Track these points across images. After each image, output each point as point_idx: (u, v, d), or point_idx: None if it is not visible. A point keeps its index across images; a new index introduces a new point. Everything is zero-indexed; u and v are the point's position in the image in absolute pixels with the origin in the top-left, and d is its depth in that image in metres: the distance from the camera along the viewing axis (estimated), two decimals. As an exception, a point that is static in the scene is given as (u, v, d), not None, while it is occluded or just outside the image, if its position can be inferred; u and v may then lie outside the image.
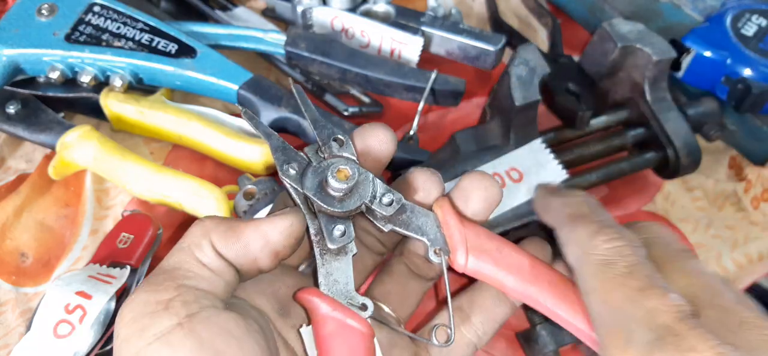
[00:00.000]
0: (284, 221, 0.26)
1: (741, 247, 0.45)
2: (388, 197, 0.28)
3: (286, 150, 0.28)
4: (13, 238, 0.41)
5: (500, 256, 0.28)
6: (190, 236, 0.26)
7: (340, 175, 0.27)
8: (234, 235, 0.26)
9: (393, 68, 0.44)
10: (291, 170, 0.28)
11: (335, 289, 0.27)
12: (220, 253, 0.26)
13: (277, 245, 0.26)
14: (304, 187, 0.27)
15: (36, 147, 0.46)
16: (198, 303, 0.24)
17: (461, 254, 0.28)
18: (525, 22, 0.58)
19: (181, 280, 0.24)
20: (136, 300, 0.24)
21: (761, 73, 0.45)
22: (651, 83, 0.44)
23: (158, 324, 0.23)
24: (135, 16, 0.43)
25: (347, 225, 0.27)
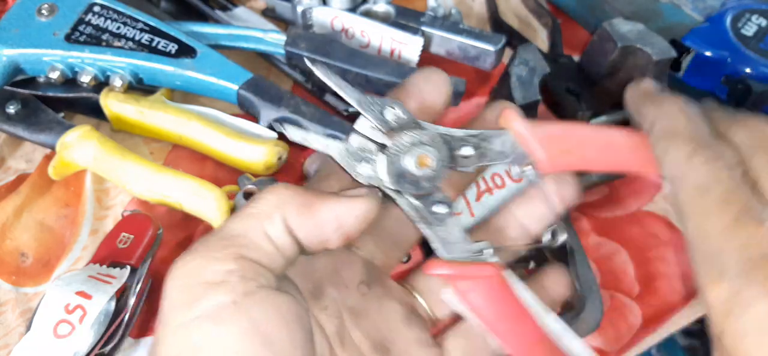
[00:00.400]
0: (362, 206, 0.25)
1: (741, 247, 0.45)
2: (466, 150, 0.28)
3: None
4: (13, 238, 0.41)
5: (585, 149, 0.29)
6: (262, 204, 0.24)
7: (422, 163, 0.26)
8: (309, 213, 0.24)
9: (393, 68, 0.44)
10: (363, 168, 0.27)
11: (451, 249, 0.28)
12: (291, 229, 0.24)
13: (351, 229, 0.25)
14: (388, 182, 0.26)
15: (36, 147, 0.46)
16: (256, 280, 0.23)
17: (547, 164, 0.28)
18: (525, 22, 0.58)
19: (243, 250, 0.23)
20: (191, 262, 0.23)
21: (761, 73, 0.45)
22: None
23: (212, 297, 0.22)
24: (135, 16, 0.43)
25: (440, 196, 0.27)
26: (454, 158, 0.28)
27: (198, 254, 0.23)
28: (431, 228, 0.27)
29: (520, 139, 0.29)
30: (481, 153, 0.28)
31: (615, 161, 0.30)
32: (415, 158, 0.26)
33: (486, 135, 0.28)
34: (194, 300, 0.22)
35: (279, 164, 0.43)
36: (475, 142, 0.28)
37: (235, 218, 0.24)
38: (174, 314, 0.22)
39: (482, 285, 0.28)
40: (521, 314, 0.29)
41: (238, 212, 0.25)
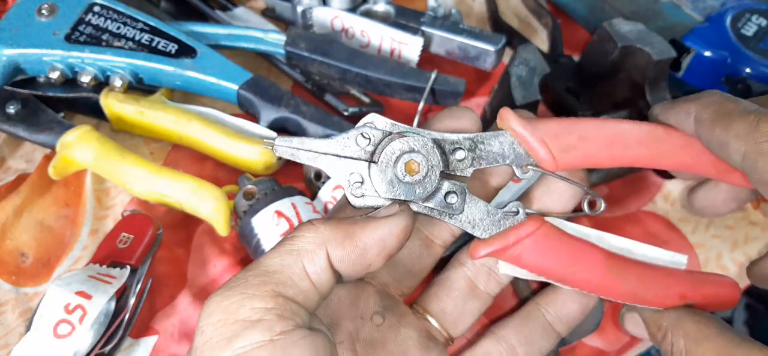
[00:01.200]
0: (400, 224, 0.25)
1: (741, 247, 0.45)
2: (460, 154, 0.28)
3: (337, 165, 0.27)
4: (13, 238, 0.41)
5: (589, 144, 0.29)
6: (302, 241, 0.24)
7: (409, 169, 0.26)
8: (351, 243, 0.24)
9: (393, 68, 0.44)
10: (358, 192, 0.26)
11: (485, 225, 0.28)
12: (333, 263, 0.24)
13: (393, 249, 0.25)
14: (388, 195, 0.26)
15: (36, 147, 0.46)
16: (293, 320, 0.23)
17: (551, 162, 0.28)
18: (525, 22, 0.58)
19: (281, 288, 0.23)
20: (228, 297, 0.23)
21: (761, 73, 0.45)
22: (651, 83, 0.44)
23: (249, 336, 0.21)
24: (135, 16, 0.43)
25: (448, 185, 0.27)
26: (448, 162, 0.27)
27: (235, 291, 0.23)
28: (456, 218, 0.27)
29: (520, 139, 0.28)
30: (477, 156, 0.28)
31: (623, 155, 0.29)
32: (403, 164, 0.26)
33: (482, 137, 0.28)
34: (231, 338, 0.21)
35: (279, 164, 0.43)
36: (468, 144, 0.28)
37: (273, 254, 0.24)
38: (211, 351, 0.22)
39: (533, 242, 0.28)
40: (579, 249, 0.28)
41: (277, 248, 0.25)
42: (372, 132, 0.27)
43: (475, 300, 0.32)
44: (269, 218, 0.38)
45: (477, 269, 0.31)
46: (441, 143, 0.27)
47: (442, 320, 0.31)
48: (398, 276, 0.31)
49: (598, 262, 0.28)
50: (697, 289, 0.29)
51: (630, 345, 0.42)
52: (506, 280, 0.32)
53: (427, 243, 0.31)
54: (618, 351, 0.42)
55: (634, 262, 0.29)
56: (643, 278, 0.29)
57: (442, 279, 0.32)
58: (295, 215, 0.38)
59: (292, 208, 0.39)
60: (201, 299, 0.40)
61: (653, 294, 0.29)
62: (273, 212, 0.38)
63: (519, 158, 0.28)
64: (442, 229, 0.31)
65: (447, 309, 0.31)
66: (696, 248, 0.45)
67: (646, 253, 0.31)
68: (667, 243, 0.46)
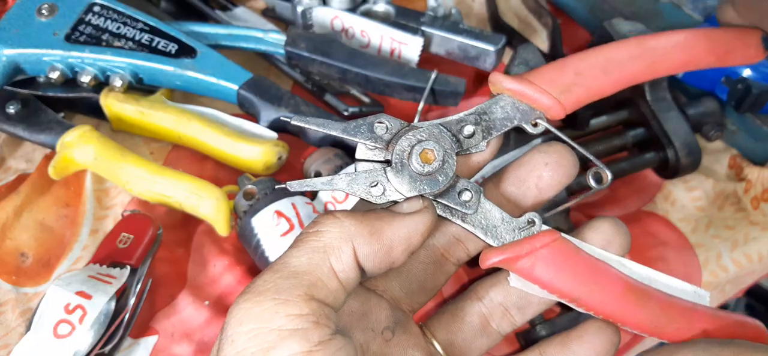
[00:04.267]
0: (425, 220, 0.25)
1: (741, 247, 0.45)
2: (468, 129, 0.27)
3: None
4: (13, 238, 0.41)
5: (586, 77, 0.28)
6: (328, 236, 0.23)
7: (425, 159, 0.26)
8: (378, 240, 0.24)
9: (393, 68, 0.44)
10: (376, 190, 0.26)
11: (498, 233, 0.27)
12: (360, 260, 0.23)
13: (417, 244, 0.25)
14: (405, 192, 0.26)
15: (36, 147, 0.46)
16: (329, 327, 0.22)
17: (556, 106, 0.27)
18: (525, 22, 0.58)
19: (313, 290, 0.22)
20: (259, 303, 0.21)
21: (761, 73, 0.45)
22: (651, 83, 0.44)
23: (286, 347, 0.21)
24: (135, 16, 0.43)
25: (463, 183, 0.27)
26: (460, 142, 0.27)
27: (266, 296, 0.22)
28: (469, 221, 0.27)
29: (519, 96, 0.28)
30: (485, 127, 0.27)
31: (621, 75, 0.28)
32: (417, 156, 0.26)
33: (482, 108, 0.28)
34: (268, 349, 0.21)
35: (279, 164, 0.43)
36: (473, 119, 0.27)
37: (299, 252, 0.23)
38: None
39: (546, 255, 0.26)
40: (598, 269, 0.27)
41: (301, 245, 0.23)
42: (380, 132, 0.27)
43: (485, 338, 0.31)
44: (269, 218, 0.38)
45: (493, 306, 0.30)
46: (447, 126, 0.27)
47: (449, 350, 0.30)
48: (410, 290, 0.30)
49: (617, 284, 0.27)
50: (721, 328, 0.27)
51: (630, 345, 0.42)
52: (520, 321, 0.30)
53: (442, 261, 0.30)
54: (620, 350, 0.42)
55: (656, 291, 0.28)
56: (665, 308, 0.27)
57: (456, 309, 0.31)
58: (295, 215, 0.38)
59: (292, 208, 0.39)
60: (201, 299, 0.40)
61: (675, 327, 0.27)
62: (273, 212, 0.38)
63: (525, 115, 0.28)
64: (457, 248, 0.30)
65: (455, 341, 0.30)
66: (696, 248, 0.45)
67: (668, 283, 0.29)
68: (667, 243, 0.46)
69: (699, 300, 0.29)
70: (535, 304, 0.30)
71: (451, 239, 0.30)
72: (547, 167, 0.29)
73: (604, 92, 0.28)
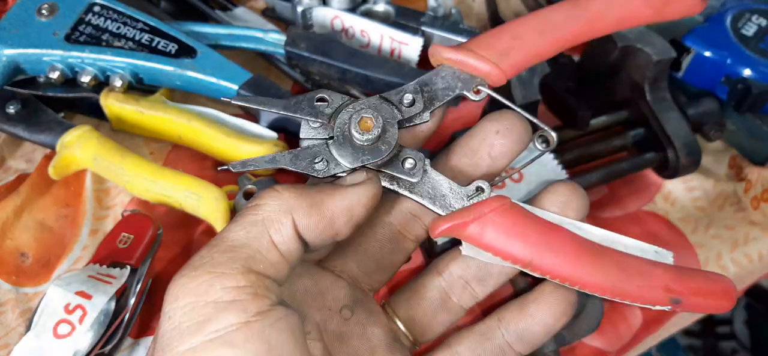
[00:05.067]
0: (368, 191, 0.24)
1: (741, 247, 0.45)
2: (407, 98, 0.27)
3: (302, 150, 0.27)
4: (13, 238, 0.41)
5: (524, 40, 0.28)
6: (267, 209, 0.23)
7: (363, 126, 0.26)
8: (318, 212, 0.23)
9: (393, 68, 0.44)
10: (320, 165, 0.26)
11: (447, 202, 0.27)
12: (300, 232, 0.23)
13: (360, 216, 0.24)
14: (347, 163, 0.26)
15: (36, 147, 0.46)
16: (268, 297, 0.21)
17: (495, 71, 0.27)
18: (525, 22, 0.58)
19: (251, 263, 0.22)
20: (195, 277, 0.21)
21: (761, 73, 0.45)
22: (651, 83, 0.44)
23: (222, 318, 0.20)
24: (135, 16, 0.43)
25: (407, 152, 0.27)
26: (401, 112, 0.27)
27: (203, 270, 0.21)
28: (416, 191, 0.26)
29: (458, 65, 0.28)
30: (428, 98, 0.28)
31: (558, 37, 0.28)
32: (356, 124, 0.26)
33: (423, 79, 0.28)
34: (204, 322, 0.20)
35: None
36: (413, 88, 0.28)
37: (237, 226, 0.23)
38: (181, 337, 0.20)
39: (496, 220, 0.25)
40: (550, 232, 0.26)
41: (240, 219, 0.23)
42: (322, 107, 0.27)
43: (445, 313, 0.31)
44: (269, 218, 0.38)
45: (452, 280, 0.30)
46: (388, 97, 0.27)
47: (411, 326, 0.30)
48: (368, 269, 0.30)
49: (570, 246, 0.26)
50: (686, 283, 0.26)
51: (630, 345, 0.42)
52: (482, 294, 0.30)
53: (399, 238, 0.30)
54: (618, 351, 0.42)
55: (613, 251, 0.27)
56: (624, 267, 0.26)
57: (417, 285, 0.31)
58: (295, 215, 0.38)
59: (292, 208, 0.38)
60: (201, 299, 0.40)
61: (635, 286, 0.26)
62: (273, 212, 0.38)
63: (466, 84, 0.28)
64: (414, 224, 0.30)
65: (416, 317, 0.30)
66: (696, 248, 0.45)
67: (627, 244, 0.28)
68: (667, 243, 0.46)
69: (661, 260, 0.28)
70: (495, 276, 0.30)
71: (408, 216, 0.30)
72: (498, 135, 0.28)
73: (543, 54, 0.28)
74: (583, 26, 0.29)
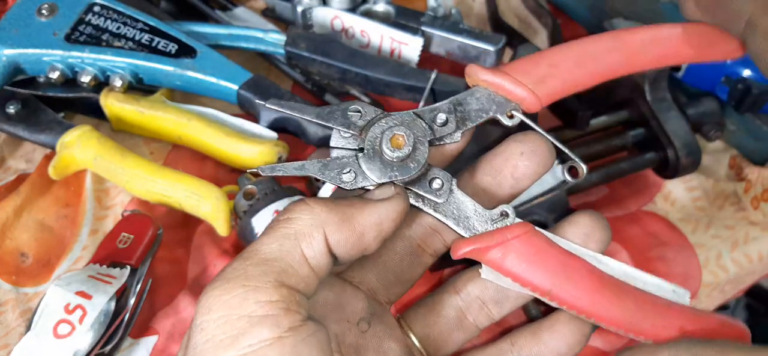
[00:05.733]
0: (397, 206, 0.25)
1: (741, 247, 0.45)
2: (440, 117, 0.27)
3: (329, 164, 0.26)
4: (13, 238, 0.41)
5: (561, 69, 0.28)
6: (299, 223, 0.23)
7: (395, 144, 0.26)
8: (349, 226, 0.23)
9: (393, 68, 0.44)
10: (347, 177, 0.26)
11: (471, 224, 0.27)
12: (331, 247, 0.23)
13: (389, 231, 0.25)
14: (375, 178, 0.26)
15: (36, 147, 0.46)
16: (300, 313, 0.22)
17: (531, 98, 0.27)
18: (525, 22, 0.58)
19: (283, 277, 0.22)
20: (229, 290, 0.21)
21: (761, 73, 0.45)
22: (651, 83, 0.44)
23: (256, 333, 0.20)
24: (135, 16, 0.43)
25: (435, 171, 0.27)
26: (433, 130, 0.27)
27: (236, 284, 0.21)
28: (441, 211, 0.27)
29: (494, 87, 0.28)
30: (460, 117, 0.27)
31: (596, 68, 0.28)
32: (388, 141, 0.26)
33: (458, 99, 0.28)
34: (238, 336, 0.20)
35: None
36: (447, 107, 0.27)
37: (270, 239, 0.23)
38: (214, 350, 0.20)
39: (518, 247, 0.26)
40: (571, 263, 0.26)
41: (272, 232, 0.23)
42: (355, 119, 0.27)
43: (461, 332, 0.31)
44: (269, 218, 0.38)
45: (470, 300, 0.30)
46: (421, 114, 0.27)
47: (425, 343, 0.30)
48: (387, 282, 0.30)
49: (590, 279, 0.26)
50: (700, 326, 0.26)
51: (630, 345, 0.42)
52: (498, 315, 0.30)
53: (418, 252, 0.30)
54: (618, 351, 0.42)
55: (631, 287, 0.27)
56: (641, 305, 0.26)
57: (433, 302, 0.31)
58: (295, 215, 0.38)
59: (292, 208, 0.38)
60: (201, 299, 0.40)
61: (650, 324, 0.26)
62: (273, 212, 0.38)
63: (500, 107, 0.28)
64: (434, 239, 0.30)
65: (431, 334, 0.30)
66: (696, 248, 0.45)
67: (646, 281, 0.28)
68: (667, 243, 0.46)
69: (678, 299, 0.28)
70: (513, 299, 0.30)
71: (427, 230, 0.30)
72: (523, 157, 0.28)
73: (580, 84, 0.28)
74: (622, 60, 0.29)
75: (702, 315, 0.27)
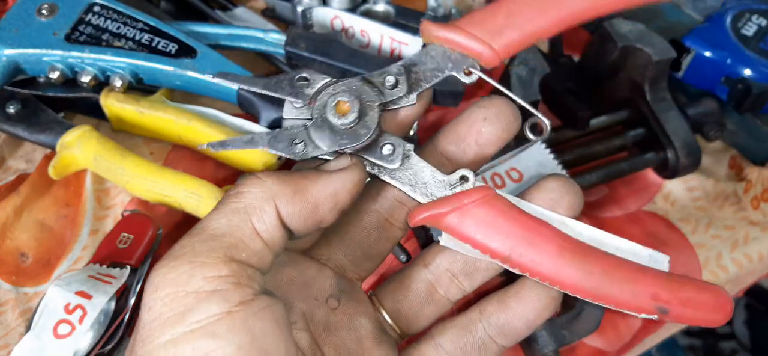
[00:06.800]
0: (353, 177, 0.24)
1: (741, 247, 0.45)
2: (389, 80, 0.26)
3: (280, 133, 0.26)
4: (13, 238, 0.41)
5: (519, 18, 0.26)
6: (249, 197, 0.22)
7: (340, 110, 0.25)
8: (302, 198, 0.23)
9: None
10: (298, 147, 0.25)
11: (428, 190, 0.26)
12: (284, 220, 0.23)
13: (345, 202, 0.24)
14: (326, 147, 0.25)
15: (36, 147, 0.46)
16: (251, 287, 0.21)
17: (488, 51, 0.26)
18: (525, 22, 0.58)
19: (233, 251, 0.21)
20: (175, 267, 0.21)
21: (761, 73, 0.45)
22: (651, 83, 0.44)
23: (204, 308, 0.20)
24: (135, 16, 0.43)
25: (388, 137, 0.26)
26: (383, 94, 0.26)
27: (183, 260, 0.21)
28: (397, 178, 0.26)
29: (449, 44, 0.26)
30: (414, 79, 0.26)
31: (560, 15, 0.26)
32: (333, 108, 0.25)
33: (412, 59, 0.27)
34: (185, 313, 0.20)
35: (279, 163, 0.43)
36: (397, 69, 0.26)
37: (218, 214, 0.22)
38: (161, 328, 0.20)
39: (476, 211, 0.24)
40: (532, 227, 0.25)
41: (221, 207, 0.22)
42: (303, 87, 0.26)
43: (432, 305, 0.30)
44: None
45: (439, 273, 0.30)
46: (370, 78, 0.26)
47: (397, 318, 0.30)
48: (355, 258, 0.30)
49: (554, 243, 0.24)
50: (675, 292, 0.25)
51: (630, 345, 0.42)
52: (470, 287, 0.30)
53: (386, 226, 0.29)
54: (618, 351, 0.42)
55: (600, 252, 0.25)
56: (609, 270, 0.24)
57: (403, 277, 0.30)
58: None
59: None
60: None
61: (619, 291, 0.24)
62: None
63: (456, 64, 0.27)
64: (400, 211, 0.29)
65: (402, 309, 0.30)
66: (696, 248, 0.45)
67: (620, 246, 0.26)
68: (667, 243, 0.46)
69: (655, 265, 0.26)
70: (483, 270, 0.29)
71: (394, 203, 0.29)
72: (486, 122, 0.28)
73: (541, 33, 0.27)
74: (587, 4, 0.27)
75: (677, 280, 0.25)
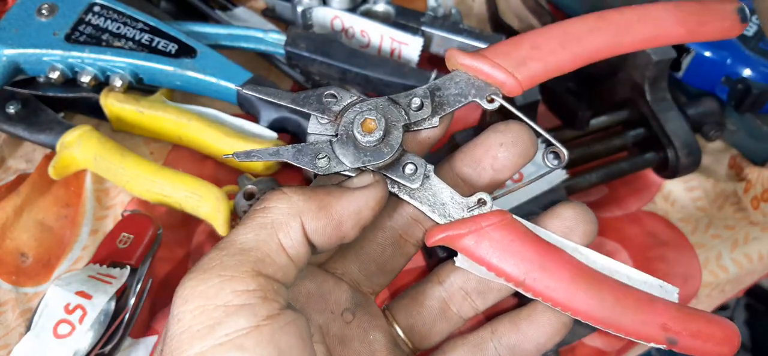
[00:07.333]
0: (376, 195, 0.24)
1: (741, 247, 0.45)
2: (415, 102, 0.27)
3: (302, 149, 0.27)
4: (13, 238, 0.41)
5: (543, 51, 0.27)
6: (275, 212, 0.23)
7: (366, 127, 0.26)
8: (327, 215, 0.23)
9: (393, 68, 0.44)
10: (321, 162, 0.26)
11: (446, 211, 0.26)
12: (309, 235, 0.23)
13: (367, 219, 0.24)
14: (349, 164, 0.26)
15: (36, 147, 0.46)
16: (278, 301, 0.21)
17: (511, 81, 0.26)
18: (525, 22, 0.58)
19: (260, 266, 0.22)
20: (205, 281, 0.21)
21: (761, 73, 0.45)
22: (651, 83, 0.44)
23: (233, 322, 0.20)
24: (135, 16, 0.43)
25: (410, 157, 0.26)
26: (408, 115, 0.26)
27: (212, 274, 0.21)
28: (417, 197, 0.26)
29: (473, 71, 0.27)
30: (438, 103, 0.27)
31: (581, 50, 0.27)
32: (359, 126, 0.25)
33: (436, 84, 0.27)
34: (214, 326, 0.20)
35: (279, 164, 0.43)
36: (423, 92, 0.27)
37: (246, 229, 0.23)
38: (190, 341, 0.20)
39: (493, 235, 0.25)
40: (547, 252, 0.25)
41: (248, 222, 0.23)
42: (330, 104, 0.26)
43: (444, 322, 0.30)
44: (269, 218, 0.38)
45: (453, 291, 0.30)
46: (396, 99, 0.27)
47: (410, 334, 0.30)
48: (369, 272, 0.30)
49: (566, 269, 0.25)
50: (684, 323, 0.25)
51: (630, 345, 0.42)
52: (482, 306, 0.30)
53: (400, 242, 0.30)
54: (618, 351, 0.42)
55: (612, 280, 0.26)
56: (621, 299, 0.25)
57: (417, 293, 0.31)
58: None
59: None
60: (201, 299, 0.40)
61: (629, 320, 0.25)
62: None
63: (479, 91, 0.27)
64: (415, 228, 0.30)
65: (415, 325, 0.30)
66: (696, 248, 0.45)
67: (631, 275, 0.27)
68: (667, 243, 0.46)
69: (666, 295, 0.27)
70: (496, 290, 0.30)
71: (409, 221, 0.29)
72: (502, 147, 0.28)
73: (563, 67, 0.27)
74: (609, 41, 0.27)
75: (687, 312, 0.26)
